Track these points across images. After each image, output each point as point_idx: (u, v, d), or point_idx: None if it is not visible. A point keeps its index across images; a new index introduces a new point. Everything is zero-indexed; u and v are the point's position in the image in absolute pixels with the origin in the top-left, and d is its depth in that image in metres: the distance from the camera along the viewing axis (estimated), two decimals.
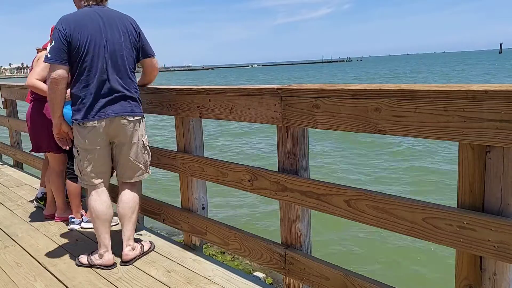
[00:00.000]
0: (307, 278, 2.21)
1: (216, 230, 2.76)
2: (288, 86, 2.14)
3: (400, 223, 1.75)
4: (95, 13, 2.63)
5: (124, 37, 2.66)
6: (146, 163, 2.87)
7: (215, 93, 2.55)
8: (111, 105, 2.62)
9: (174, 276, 2.61)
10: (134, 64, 2.75)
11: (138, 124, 2.74)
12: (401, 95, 1.68)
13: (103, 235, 2.76)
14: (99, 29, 2.59)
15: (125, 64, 2.65)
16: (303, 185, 2.12)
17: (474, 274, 1.59)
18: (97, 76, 2.58)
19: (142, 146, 2.79)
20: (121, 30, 2.66)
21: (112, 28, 2.63)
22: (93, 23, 2.59)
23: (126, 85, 2.66)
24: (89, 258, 2.80)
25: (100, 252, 2.76)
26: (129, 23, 2.72)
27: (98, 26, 2.59)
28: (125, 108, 2.66)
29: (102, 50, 2.58)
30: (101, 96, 2.60)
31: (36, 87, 3.27)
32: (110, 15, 2.67)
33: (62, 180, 3.65)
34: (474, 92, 1.47)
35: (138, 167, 2.82)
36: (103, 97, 2.60)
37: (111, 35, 2.61)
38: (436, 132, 1.60)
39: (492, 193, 1.52)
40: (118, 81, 2.63)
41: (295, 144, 2.19)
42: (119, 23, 2.66)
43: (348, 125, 1.87)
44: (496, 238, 1.48)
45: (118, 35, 2.63)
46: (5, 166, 6.01)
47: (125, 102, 2.65)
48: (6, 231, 3.52)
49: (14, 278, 2.69)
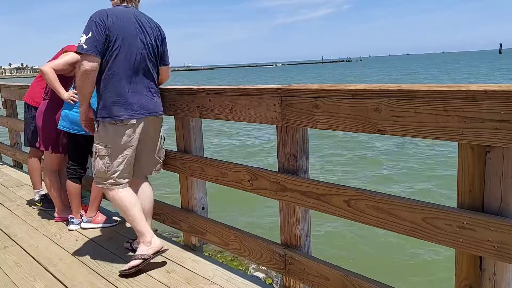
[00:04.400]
0: (307, 278, 2.21)
1: (216, 230, 2.76)
2: (288, 86, 2.15)
3: (400, 223, 1.75)
4: (132, 15, 2.70)
5: (153, 40, 2.74)
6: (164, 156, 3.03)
7: (215, 93, 2.56)
8: (147, 104, 2.68)
9: (174, 277, 2.61)
10: (157, 66, 2.83)
11: (162, 120, 2.91)
12: (401, 95, 1.68)
13: (143, 222, 2.71)
14: (135, 31, 2.66)
15: (152, 65, 2.75)
16: (303, 185, 2.12)
17: (474, 274, 1.59)
18: (131, 75, 2.63)
19: (163, 140, 2.96)
20: (153, 34, 2.75)
21: (146, 31, 2.71)
22: (130, 24, 2.65)
23: (154, 84, 2.77)
24: (138, 256, 2.64)
25: (147, 239, 2.67)
26: (159, 31, 2.81)
27: (135, 28, 2.66)
28: (156, 106, 2.76)
29: (137, 49, 2.64)
30: (139, 94, 2.65)
31: (48, 75, 3.30)
32: (145, 19, 2.76)
33: (58, 180, 3.66)
34: (474, 92, 1.48)
35: (158, 161, 2.94)
36: (140, 95, 2.66)
37: (145, 38, 2.69)
38: (436, 132, 1.60)
39: (492, 193, 1.52)
40: (148, 80, 2.72)
41: (295, 144, 2.19)
42: (153, 29, 2.76)
43: (348, 125, 1.87)
44: (496, 238, 1.48)
45: (149, 39, 2.72)
46: (4, 166, 6.01)
47: (154, 100, 2.75)
48: (6, 231, 3.52)
49: (14, 278, 2.68)
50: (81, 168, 3.52)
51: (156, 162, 2.91)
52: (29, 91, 4.09)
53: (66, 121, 3.33)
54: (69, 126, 3.32)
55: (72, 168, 3.49)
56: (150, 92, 2.72)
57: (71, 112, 3.30)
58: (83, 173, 3.55)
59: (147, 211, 2.87)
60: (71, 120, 3.30)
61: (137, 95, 2.64)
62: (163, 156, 2.96)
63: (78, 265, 2.83)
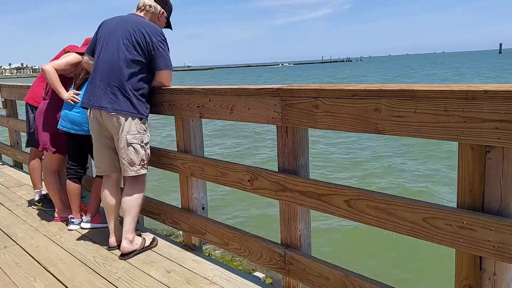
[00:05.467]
0: (307, 278, 2.21)
1: (216, 230, 2.76)
2: (288, 86, 2.15)
3: (400, 223, 1.75)
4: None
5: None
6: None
7: (215, 93, 2.55)
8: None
9: (174, 276, 2.61)
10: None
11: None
12: (401, 95, 1.67)
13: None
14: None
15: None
16: (303, 185, 2.12)
17: (474, 274, 1.59)
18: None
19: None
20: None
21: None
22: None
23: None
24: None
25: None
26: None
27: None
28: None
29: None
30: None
31: (49, 74, 3.33)
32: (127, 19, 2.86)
33: (57, 180, 3.65)
34: (474, 92, 1.47)
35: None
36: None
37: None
38: (436, 132, 1.60)
39: (492, 193, 1.52)
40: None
41: (295, 144, 2.19)
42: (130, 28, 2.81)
43: (348, 125, 1.87)
44: (496, 238, 1.48)
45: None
46: (4, 166, 6.01)
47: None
48: (6, 231, 3.52)
49: (14, 278, 2.68)
50: (81, 168, 3.52)
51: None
52: (30, 92, 4.09)
53: (66, 121, 3.32)
54: (69, 126, 3.31)
55: (72, 168, 3.49)
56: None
57: (71, 112, 3.30)
58: (83, 173, 3.55)
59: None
60: (71, 120, 3.30)
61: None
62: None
63: (78, 265, 2.83)
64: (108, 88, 2.74)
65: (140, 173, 2.87)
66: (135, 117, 2.78)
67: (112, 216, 3.00)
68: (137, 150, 2.82)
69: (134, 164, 2.83)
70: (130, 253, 2.87)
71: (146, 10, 2.93)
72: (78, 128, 3.27)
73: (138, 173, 2.86)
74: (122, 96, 2.74)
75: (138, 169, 2.85)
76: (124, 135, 2.77)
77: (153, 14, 2.95)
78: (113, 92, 2.74)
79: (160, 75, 2.86)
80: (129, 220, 2.88)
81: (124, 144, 2.78)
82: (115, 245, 3.01)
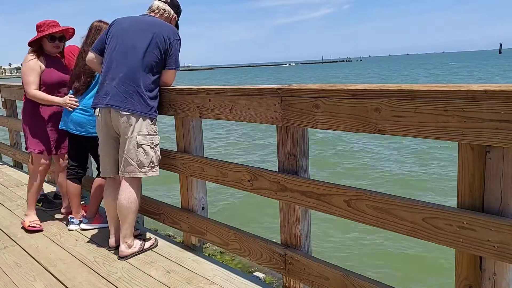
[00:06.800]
0: (307, 278, 2.22)
1: (216, 230, 2.76)
2: (288, 86, 2.14)
3: (400, 223, 1.75)
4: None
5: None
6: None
7: (215, 93, 2.55)
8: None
9: (174, 276, 2.61)
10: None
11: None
12: (401, 95, 1.68)
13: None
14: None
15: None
16: (303, 185, 2.12)
17: (474, 274, 1.59)
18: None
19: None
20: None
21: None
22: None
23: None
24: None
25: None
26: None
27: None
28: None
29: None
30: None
31: (37, 97, 3.39)
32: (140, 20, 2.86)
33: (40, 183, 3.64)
34: (474, 92, 1.48)
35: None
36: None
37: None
38: (436, 132, 1.60)
39: (492, 193, 1.52)
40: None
41: (295, 144, 2.19)
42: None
43: (348, 125, 1.87)
44: (496, 238, 1.48)
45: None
46: (4, 166, 6.01)
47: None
48: (6, 231, 3.52)
49: (14, 278, 2.68)
50: (81, 169, 3.52)
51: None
52: None
53: (69, 122, 3.31)
54: (73, 127, 3.30)
55: (72, 169, 3.49)
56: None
57: (75, 113, 3.29)
58: (83, 174, 3.55)
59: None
60: (75, 121, 3.29)
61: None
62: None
63: (78, 265, 2.83)
64: (122, 87, 2.70)
65: (149, 175, 2.84)
66: (146, 118, 2.75)
67: (113, 218, 2.99)
68: (147, 151, 2.79)
69: (143, 166, 2.79)
70: (126, 256, 2.88)
71: (160, 14, 2.92)
72: (83, 129, 3.27)
73: (147, 175, 2.83)
74: (137, 96, 2.71)
75: (147, 171, 2.81)
76: (134, 136, 2.73)
77: (167, 18, 2.94)
78: (127, 91, 2.70)
79: (167, 74, 2.85)
80: (127, 226, 2.85)
81: (134, 145, 2.75)
82: (114, 246, 3.01)
